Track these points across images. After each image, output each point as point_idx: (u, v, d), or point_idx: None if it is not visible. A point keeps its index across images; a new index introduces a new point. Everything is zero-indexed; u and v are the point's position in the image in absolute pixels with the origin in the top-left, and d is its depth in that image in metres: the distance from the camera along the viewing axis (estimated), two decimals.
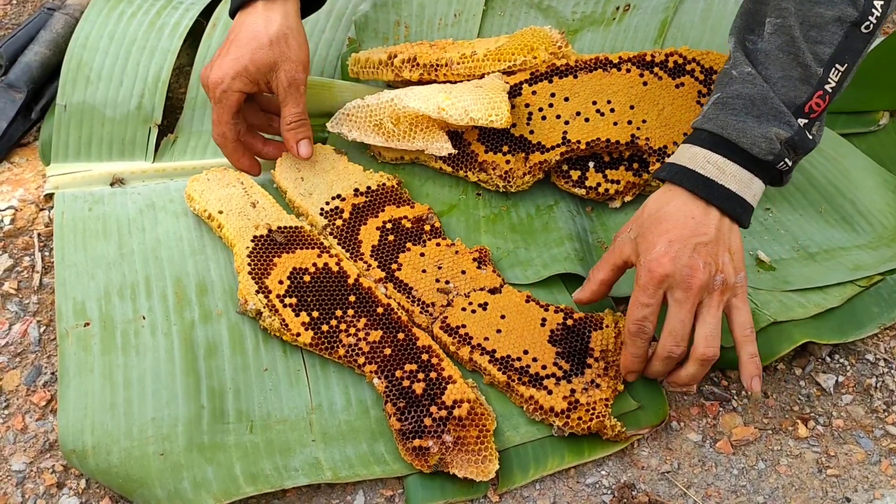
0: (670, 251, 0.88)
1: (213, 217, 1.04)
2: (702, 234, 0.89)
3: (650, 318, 0.90)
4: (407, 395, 0.91)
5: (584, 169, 1.08)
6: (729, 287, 0.89)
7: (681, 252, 0.88)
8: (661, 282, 0.88)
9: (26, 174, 1.15)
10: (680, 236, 0.88)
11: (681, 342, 0.89)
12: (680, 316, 0.89)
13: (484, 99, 1.04)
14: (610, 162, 1.08)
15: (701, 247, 0.88)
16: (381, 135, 1.09)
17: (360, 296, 0.97)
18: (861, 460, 0.93)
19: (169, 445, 0.88)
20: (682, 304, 0.88)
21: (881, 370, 0.99)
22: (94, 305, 0.98)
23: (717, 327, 0.89)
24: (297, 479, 0.87)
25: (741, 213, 0.91)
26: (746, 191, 0.91)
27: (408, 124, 1.07)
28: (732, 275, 0.89)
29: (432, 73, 1.14)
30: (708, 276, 0.88)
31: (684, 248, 0.88)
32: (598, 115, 1.06)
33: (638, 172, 1.07)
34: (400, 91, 1.09)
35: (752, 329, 0.90)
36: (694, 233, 0.89)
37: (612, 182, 1.08)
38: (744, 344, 0.90)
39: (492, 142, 1.08)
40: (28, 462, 0.91)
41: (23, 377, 0.97)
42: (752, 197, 0.91)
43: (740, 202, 0.90)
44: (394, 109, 1.07)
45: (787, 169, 0.91)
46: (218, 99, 1.03)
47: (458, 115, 1.03)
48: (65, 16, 1.26)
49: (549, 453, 0.91)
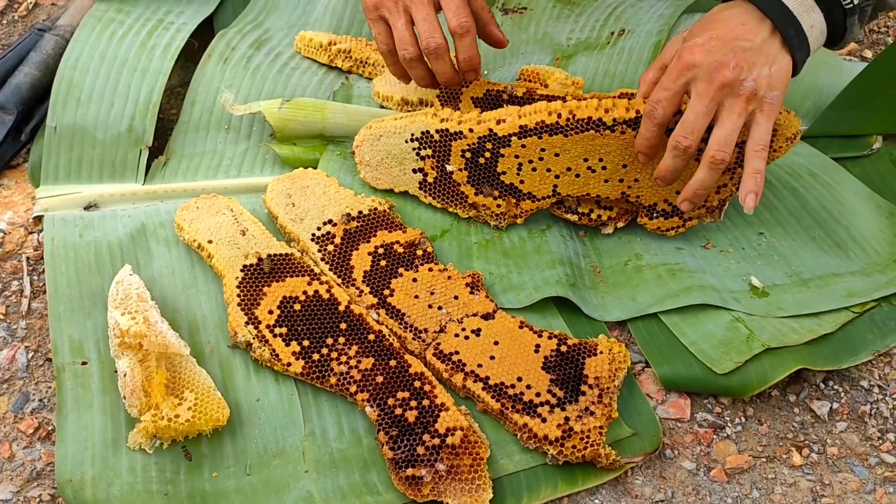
0: (707, 44, 0.89)
1: (203, 247, 1.03)
2: (746, 38, 0.89)
3: (664, 103, 0.92)
4: (399, 423, 0.90)
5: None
6: (756, 98, 0.89)
7: (717, 48, 0.89)
8: (686, 68, 0.89)
9: (15, 196, 1.14)
10: (722, 35, 0.90)
11: (689, 135, 0.90)
12: (696, 108, 0.90)
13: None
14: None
15: (740, 50, 0.89)
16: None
17: (351, 323, 0.97)
18: (856, 489, 0.92)
19: (172, 489, 0.88)
20: (702, 97, 0.89)
21: (875, 397, 0.99)
22: (93, 346, 0.97)
23: (733, 133, 0.89)
24: None
25: (793, 35, 0.91)
26: (804, 15, 0.91)
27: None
28: (764, 87, 0.89)
29: (360, 68, 1.25)
30: (735, 76, 0.88)
31: (722, 46, 0.89)
32: (588, 171, 1.04)
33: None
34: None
35: (765, 147, 0.90)
36: (738, 36, 0.89)
37: (604, 209, 1.07)
38: (751, 158, 0.91)
39: (481, 186, 1.07)
40: (15, 491, 0.90)
41: (10, 404, 0.96)
42: (808, 27, 0.91)
43: (794, 23, 0.90)
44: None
45: (851, 6, 0.91)
46: None
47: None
48: (55, 37, 1.25)
49: (543, 481, 0.90)
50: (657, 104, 0.93)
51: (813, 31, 0.92)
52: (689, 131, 0.90)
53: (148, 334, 0.91)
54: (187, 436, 0.90)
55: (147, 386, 0.90)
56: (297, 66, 1.27)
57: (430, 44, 1.01)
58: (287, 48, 1.29)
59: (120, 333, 0.91)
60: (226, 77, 1.24)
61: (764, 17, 0.91)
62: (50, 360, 0.99)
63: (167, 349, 0.92)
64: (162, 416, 0.88)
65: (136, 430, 0.89)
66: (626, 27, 1.30)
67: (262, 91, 1.23)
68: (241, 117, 1.20)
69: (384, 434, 0.90)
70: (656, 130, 0.94)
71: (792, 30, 0.91)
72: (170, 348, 0.92)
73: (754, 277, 1.05)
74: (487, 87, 1.14)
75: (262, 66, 1.26)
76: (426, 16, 1.00)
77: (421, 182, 1.09)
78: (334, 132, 1.18)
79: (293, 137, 1.17)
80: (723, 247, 1.08)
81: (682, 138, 0.91)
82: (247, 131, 1.20)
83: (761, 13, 0.91)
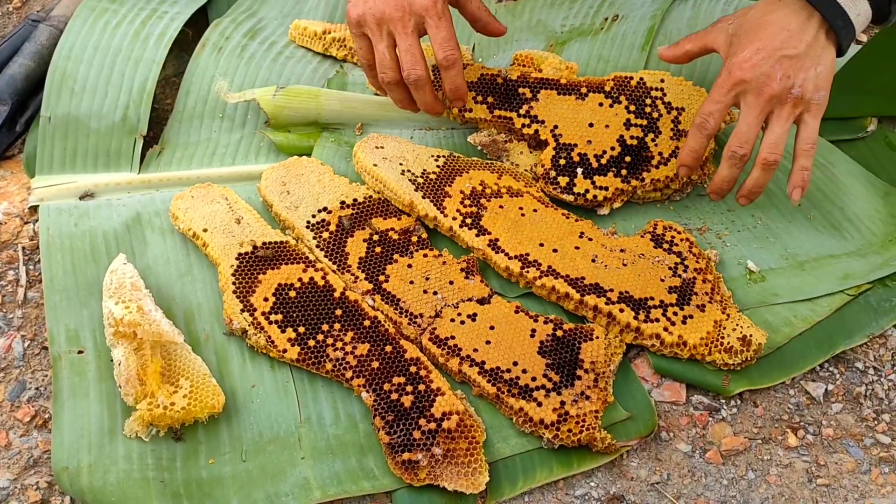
0: (754, 58, 0.93)
1: (198, 235, 1.03)
2: (791, 47, 0.93)
3: (715, 115, 0.97)
4: (395, 408, 0.90)
5: (573, 175, 1.08)
6: (803, 102, 0.94)
7: (763, 61, 0.93)
8: (736, 84, 0.94)
9: (10, 187, 1.14)
10: (768, 46, 0.93)
11: (744, 144, 0.95)
12: (748, 119, 0.95)
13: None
14: (598, 168, 1.07)
15: (785, 59, 0.93)
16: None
17: (346, 309, 0.97)
18: (851, 469, 0.92)
19: (168, 476, 0.88)
20: (752, 108, 0.94)
21: (870, 378, 0.99)
22: (89, 335, 0.98)
23: (783, 136, 0.95)
24: None
25: (841, 27, 0.94)
26: (851, 6, 0.93)
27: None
28: (811, 91, 0.93)
29: (354, 57, 1.25)
30: (782, 88, 0.93)
31: (768, 58, 0.93)
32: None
33: (626, 179, 1.07)
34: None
35: (814, 145, 0.95)
36: (783, 45, 0.93)
37: (600, 189, 1.07)
38: (800, 156, 0.96)
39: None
40: (12, 479, 0.90)
41: (6, 392, 0.96)
42: (855, 16, 0.94)
43: (842, 14, 0.93)
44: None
45: None
46: (440, 14, 0.98)
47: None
48: (49, 27, 1.25)
49: (538, 465, 0.91)
50: (709, 116, 0.97)
51: (859, 18, 0.95)
52: (743, 140, 0.95)
53: (142, 323, 0.91)
54: (183, 423, 0.90)
55: (142, 374, 0.90)
56: (292, 55, 1.27)
57: (412, 75, 1.01)
58: (281, 37, 1.29)
59: (114, 322, 0.91)
60: (220, 66, 1.24)
61: (812, 11, 0.94)
62: (46, 349, 0.99)
63: (161, 337, 0.92)
64: (158, 404, 0.89)
65: (132, 418, 0.89)
66: (619, 13, 1.29)
67: (257, 80, 1.23)
68: (235, 106, 1.20)
69: (380, 419, 0.90)
70: (705, 142, 0.99)
71: (840, 21, 0.94)
72: (164, 337, 0.92)
73: (750, 261, 1.05)
74: (482, 72, 1.14)
75: (256, 55, 1.26)
76: (409, 46, 1.00)
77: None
78: (329, 119, 1.17)
79: (288, 125, 1.17)
80: (719, 230, 1.08)
81: (737, 147, 0.96)
82: (241, 120, 1.20)
83: (810, 7, 0.94)
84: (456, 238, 1.05)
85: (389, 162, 1.08)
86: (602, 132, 1.09)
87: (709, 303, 0.98)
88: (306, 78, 1.24)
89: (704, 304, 0.98)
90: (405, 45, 0.99)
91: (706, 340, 0.95)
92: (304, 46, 1.28)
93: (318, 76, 1.24)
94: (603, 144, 1.08)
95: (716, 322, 0.96)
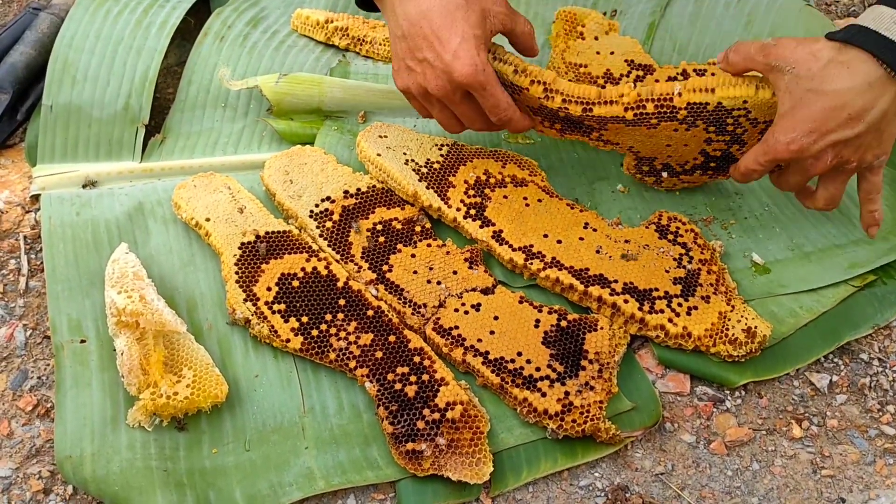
0: (802, 142, 0.88)
1: (201, 225, 1.03)
2: (848, 128, 0.87)
3: (755, 176, 0.96)
4: (399, 398, 0.90)
5: (658, 177, 1.09)
6: (861, 168, 0.92)
7: (812, 145, 0.88)
8: (776, 160, 0.92)
9: (12, 176, 1.14)
10: (821, 128, 0.87)
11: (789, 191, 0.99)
12: (791, 182, 0.96)
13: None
14: (682, 171, 1.07)
15: (840, 143, 0.88)
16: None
17: (349, 299, 0.96)
18: (856, 460, 0.92)
19: (171, 465, 0.88)
20: (796, 174, 0.94)
21: (875, 369, 0.99)
22: (91, 325, 0.97)
23: (838, 195, 0.95)
24: (291, 495, 0.86)
25: None
26: None
27: None
28: (870, 160, 0.91)
29: (357, 46, 1.26)
30: (834, 164, 0.90)
31: (818, 142, 0.88)
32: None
33: (713, 176, 1.07)
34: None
35: (878, 192, 0.95)
36: (839, 126, 0.87)
37: (687, 183, 1.10)
38: (866, 203, 0.97)
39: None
40: (14, 468, 0.90)
41: (9, 381, 0.96)
42: None
43: None
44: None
45: None
46: (484, 84, 0.93)
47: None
48: (50, 15, 1.24)
49: (542, 455, 0.90)
50: (751, 174, 0.96)
51: None
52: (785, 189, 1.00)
53: (144, 312, 0.91)
54: (186, 413, 0.90)
55: (145, 364, 0.90)
56: (294, 44, 1.26)
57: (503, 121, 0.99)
58: (284, 26, 1.29)
59: (116, 312, 0.91)
60: (222, 55, 1.23)
61: (879, 63, 0.86)
62: (48, 338, 0.99)
63: (164, 327, 0.92)
64: (161, 394, 0.88)
65: (135, 407, 0.89)
66: (618, 7, 1.29)
67: (259, 69, 1.23)
68: (237, 95, 1.19)
69: (384, 409, 0.89)
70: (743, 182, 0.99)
71: None
72: (166, 326, 0.92)
73: (755, 254, 1.04)
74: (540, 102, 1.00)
75: (258, 43, 1.25)
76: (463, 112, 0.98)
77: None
78: (332, 107, 1.17)
79: (290, 112, 1.17)
80: (725, 218, 1.08)
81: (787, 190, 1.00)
82: (244, 109, 1.19)
83: (876, 60, 0.86)
84: (460, 229, 1.04)
85: (393, 151, 1.07)
86: (682, 149, 1.03)
87: (713, 294, 0.97)
88: (309, 67, 1.24)
89: (709, 296, 0.97)
90: (460, 112, 0.98)
91: (711, 332, 0.95)
92: (307, 35, 1.27)
93: (320, 65, 1.24)
94: (685, 157, 1.05)
95: (720, 313, 0.96)
